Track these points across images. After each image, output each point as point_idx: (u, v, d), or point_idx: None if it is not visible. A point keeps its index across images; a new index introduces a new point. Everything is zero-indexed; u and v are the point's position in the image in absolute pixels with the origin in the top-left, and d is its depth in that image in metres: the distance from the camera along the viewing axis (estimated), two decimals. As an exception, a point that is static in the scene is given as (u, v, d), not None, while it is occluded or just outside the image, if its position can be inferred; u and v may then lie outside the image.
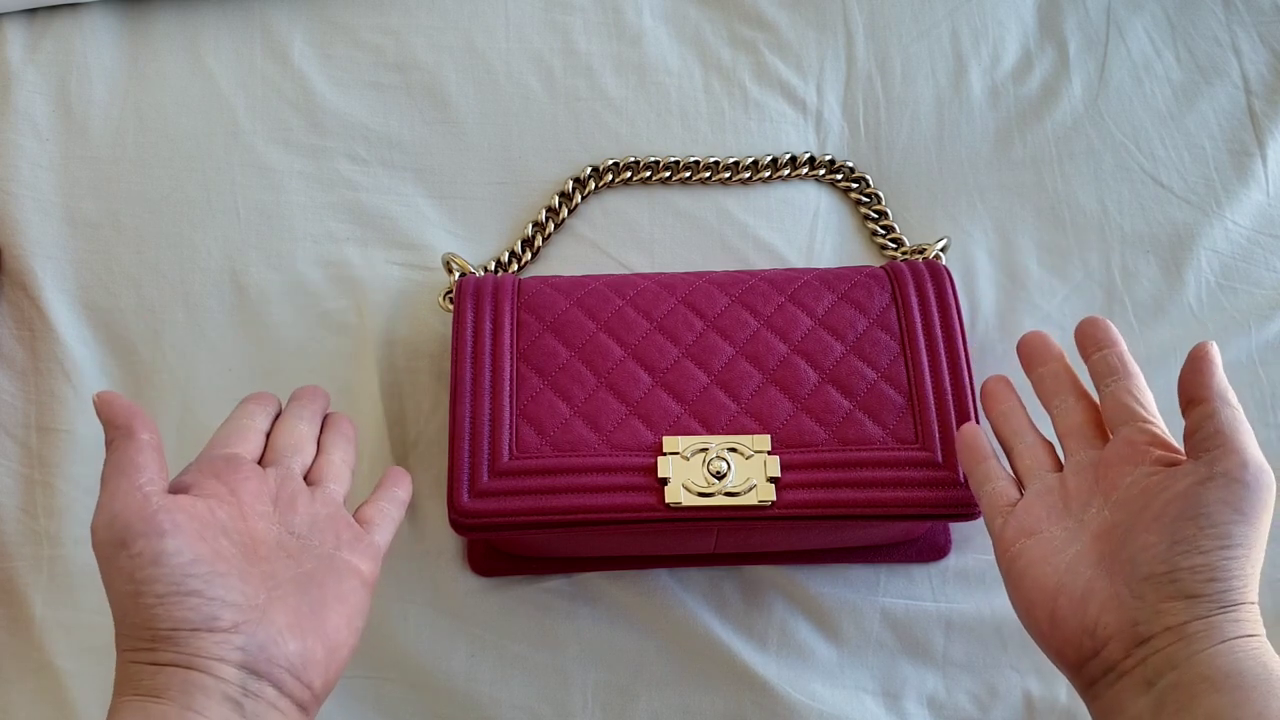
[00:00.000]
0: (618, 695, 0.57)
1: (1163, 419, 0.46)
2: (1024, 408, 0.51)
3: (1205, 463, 0.42)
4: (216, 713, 0.39)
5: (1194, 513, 0.41)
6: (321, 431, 0.52)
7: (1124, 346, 0.48)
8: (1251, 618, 0.40)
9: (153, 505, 0.42)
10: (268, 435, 0.50)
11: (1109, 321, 0.49)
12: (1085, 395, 0.50)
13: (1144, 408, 0.46)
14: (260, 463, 0.49)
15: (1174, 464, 0.43)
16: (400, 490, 0.52)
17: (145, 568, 0.40)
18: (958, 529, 0.59)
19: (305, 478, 0.49)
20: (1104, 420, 0.48)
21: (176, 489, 0.44)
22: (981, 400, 0.52)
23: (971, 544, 0.59)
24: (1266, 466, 0.42)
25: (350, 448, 0.52)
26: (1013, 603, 0.46)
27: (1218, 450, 0.42)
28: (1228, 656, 0.39)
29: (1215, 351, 0.44)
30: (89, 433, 0.60)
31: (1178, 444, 0.45)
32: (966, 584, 0.58)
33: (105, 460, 0.43)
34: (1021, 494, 0.48)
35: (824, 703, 0.56)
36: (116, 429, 0.44)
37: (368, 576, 0.46)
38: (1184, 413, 0.44)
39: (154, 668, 0.40)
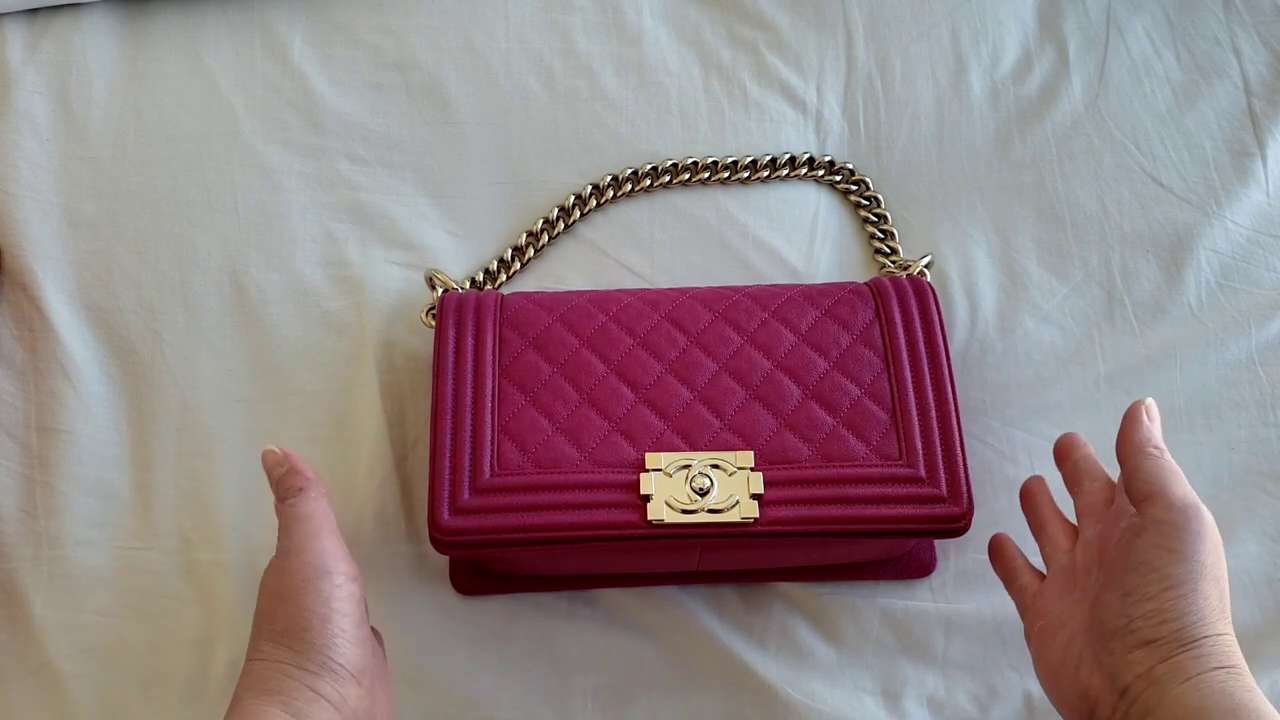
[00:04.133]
0: (617, 696, 0.57)
1: (1161, 435, 0.47)
2: (1052, 502, 0.53)
3: (1140, 512, 0.44)
4: None
5: (1135, 562, 0.43)
6: None
7: (1160, 440, 0.49)
8: (1219, 650, 0.42)
9: (345, 549, 0.47)
10: None
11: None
12: (1103, 476, 0.51)
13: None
14: None
15: None
16: None
17: (342, 599, 0.45)
18: (944, 541, 0.59)
19: None
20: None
21: None
22: (1021, 501, 0.54)
23: (971, 544, 0.59)
24: (1196, 503, 0.44)
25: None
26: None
27: (1146, 500, 0.44)
28: (1194, 694, 0.40)
29: (1142, 410, 0.47)
30: (89, 433, 0.60)
31: None
32: (966, 584, 0.58)
33: (298, 502, 0.47)
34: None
35: (824, 703, 0.56)
36: (308, 480, 0.48)
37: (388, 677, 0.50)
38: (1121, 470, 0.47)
39: (312, 693, 0.43)
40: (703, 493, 0.50)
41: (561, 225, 0.64)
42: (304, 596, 0.44)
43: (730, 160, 0.65)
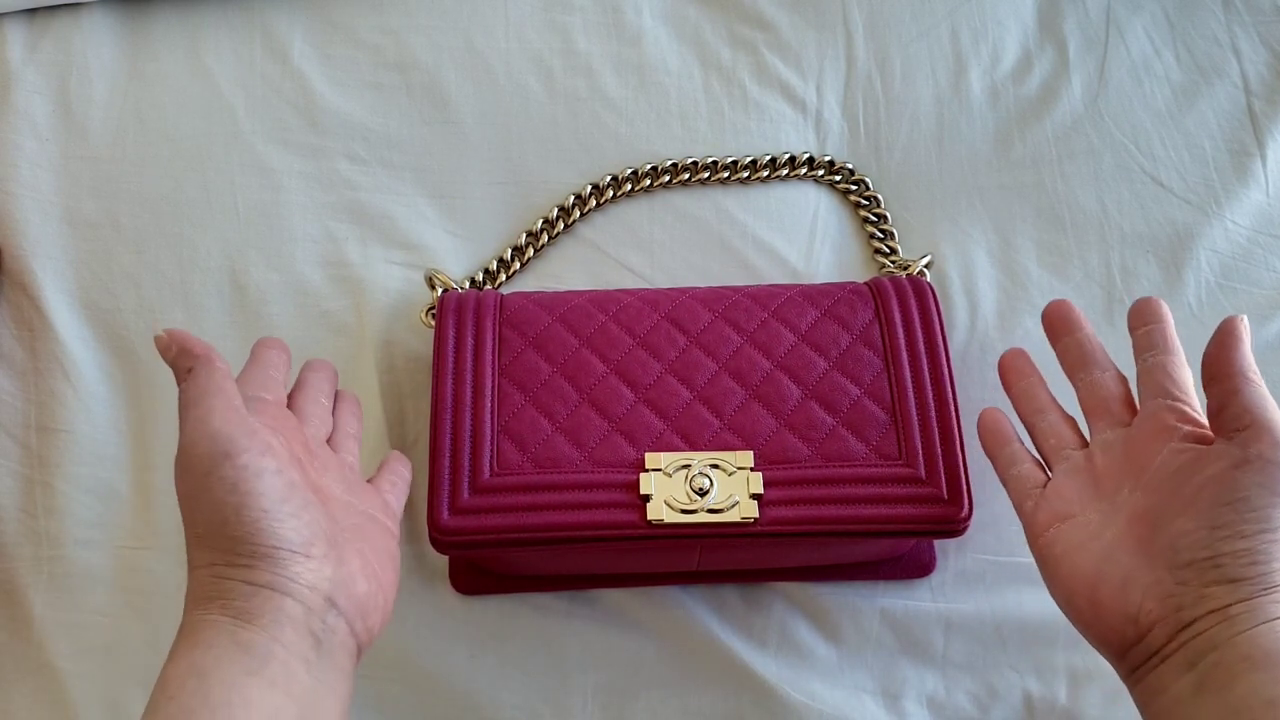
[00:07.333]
0: (617, 696, 0.57)
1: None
2: (1044, 383, 0.51)
3: (1238, 444, 0.41)
4: (298, 648, 0.40)
5: (1232, 498, 0.41)
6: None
7: (1171, 324, 0.48)
8: None
9: (251, 423, 0.42)
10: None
11: (1162, 301, 0.49)
12: (1112, 368, 0.49)
13: (1177, 385, 0.46)
14: None
15: (1202, 441, 0.43)
16: (404, 469, 0.53)
17: (251, 480, 0.40)
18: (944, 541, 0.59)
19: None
20: (1135, 394, 0.48)
21: None
22: (1000, 375, 0.52)
23: (970, 544, 0.59)
24: None
25: (359, 424, 0.53)
26: (1050, 590, 0.46)
27: (1248, 431, 0.41)
28: (1269, 636, 0.39)
29: (1243, 327, 0.44)
30: (89, 432, 0.60)
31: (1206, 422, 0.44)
32: (966, 584, 0.58)
33: (186, 386, 0.43)
34: (1048, 475, 0.48)
35: (824, 703, 0.56)
36: (195, 357, 0.43)
37: (396, 536, 0.48)
38: (1205, 389, 0.44)
39: (249, 588, 0.40)
40: (702, 493, 0.50)
41: (561, 225, 0.64)
42: (210, 490, 0.40)
43: (730, 160, 0.65)
